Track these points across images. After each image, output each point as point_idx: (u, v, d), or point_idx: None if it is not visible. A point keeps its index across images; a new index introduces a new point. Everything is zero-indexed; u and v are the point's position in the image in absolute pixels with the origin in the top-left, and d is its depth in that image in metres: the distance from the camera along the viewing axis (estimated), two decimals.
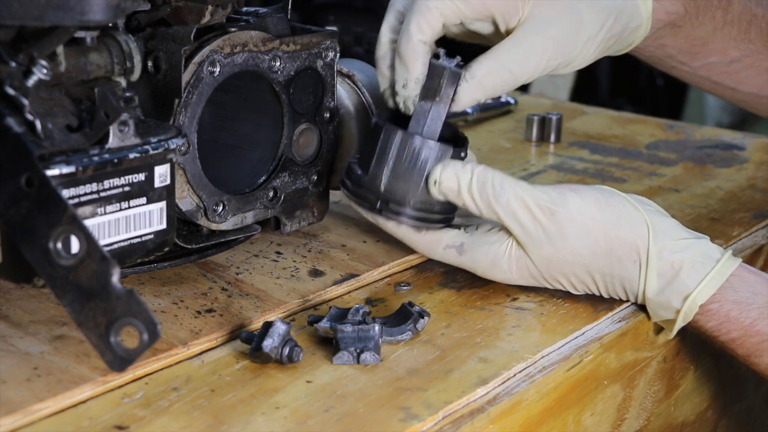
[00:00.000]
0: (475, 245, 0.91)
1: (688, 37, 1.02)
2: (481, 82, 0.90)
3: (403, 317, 0.85)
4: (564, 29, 0.92)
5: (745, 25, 1.03)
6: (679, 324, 0.89)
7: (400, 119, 0.92)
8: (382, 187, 0.90)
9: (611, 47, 0.97)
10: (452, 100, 0.91)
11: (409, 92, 0.91)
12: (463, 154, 0.92)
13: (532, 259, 0.90)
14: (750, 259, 1.06)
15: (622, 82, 2.98)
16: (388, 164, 0.90)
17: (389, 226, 0.93)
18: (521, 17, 0.92)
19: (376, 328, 0.81)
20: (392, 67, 0.93)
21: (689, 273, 0.88)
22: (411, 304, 0.86)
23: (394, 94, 0.93)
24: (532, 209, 0.88)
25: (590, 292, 0.92)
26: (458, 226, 0.93)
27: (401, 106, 0.92)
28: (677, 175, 1.24)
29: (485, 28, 0.94)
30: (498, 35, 0.94)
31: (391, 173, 0.90)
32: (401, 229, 0.93)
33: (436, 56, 0.91)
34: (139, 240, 0.81)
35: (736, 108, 2.81)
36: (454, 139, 0.93)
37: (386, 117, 0.93)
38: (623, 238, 0.89)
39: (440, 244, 0.93)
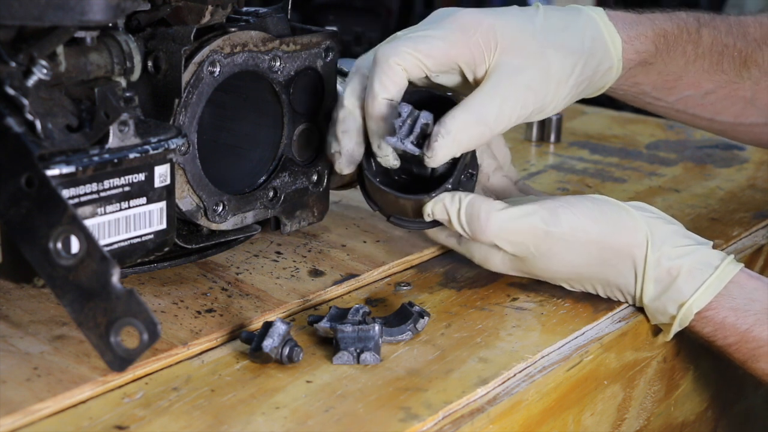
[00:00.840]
0: (470, 240, 0.92)
1: (660, 73, 1.02)
2: (456, 137, 0.88)
3: (403, 317, 0.86)
4: (534, 76, 0.91)
5: (717, 56, 1.02)
6: (675, 329, 0.89)
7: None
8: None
9: (584, 90, 0.96)
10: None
11: (386, 151, 0.90)
12: (470, 172, 0.93)
13: (523, 266, 0.91)
14: (750, 259, 1.06)
15: None
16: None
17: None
18: (489, 66, 0.91)
19: (376, 328, 0.81)
20: (346, 132, 0.91)
21: (686, 280, 0.88)
22: (411, 304, 0.86)
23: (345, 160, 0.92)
24: (521, 238, 0.89)
25: (588, 294, 0.92)
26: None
27: (384, 164, 0.91)
28: (677, 175, 1.24)
29: (452, 80, 0.93)
30: (466, 85, 0.92)
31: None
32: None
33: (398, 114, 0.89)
34: (139, 240, 0.81)
35: None
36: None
37: (378, 172, 0.92)
38: (619, 248, 0.89)
39: (444, 232, 0.95)
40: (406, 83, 0.90)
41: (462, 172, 0.92)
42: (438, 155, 0.88)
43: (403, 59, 0.89)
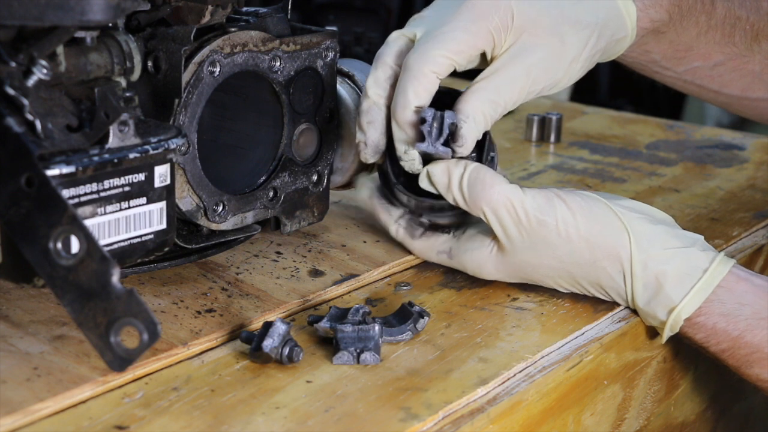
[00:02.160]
0: (461, 250, 0.93)
1: (672, 42, 1.01)
2: (476, 119, 0.89)
3: (403, 317, 0.86)
4: (547, 54, 0.91)
5: (729, 28, 1.02)
6: (667, 334, 0.89)
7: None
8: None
9: (597, 61, 0.96)
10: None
11: (413, 156, 0.90)
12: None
13: (514, 262, 0.91)
14: (750, 259, 1.06)
15: (622, 82, 2.98)
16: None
17: (391, 228, 0.96)
18: (505, 45, 0.91)
19: (376, 328, 0.81)
20: (372, 123, 0.92)
21: (674, 286, 0.88)
22: (411, 304, 0.86)
23: (372, 150, 0.93)
24: (519, 214, 0.89)
25: (587, 295, 0.92)
26: (448, 231, 0.95)
27: (407, 168, 0.91)
28: (677, 175, 1.24)
29: (473, 64, 0.93)
30: (483, 63, 0.93)
31: None
32: (400, 234, 0.96)
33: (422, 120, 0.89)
34: (139, 240, 0.81)
35: None
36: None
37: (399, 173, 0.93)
38: (606, 249, 0.89)
39: (433, 249, 0.95)
40: (436, 87, 0.90)
41: (486, 158, 0.92)
42: (468, 142, 0.89)
43: (437, 65, 0.89)
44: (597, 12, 0.94)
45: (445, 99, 0.91)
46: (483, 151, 0.92)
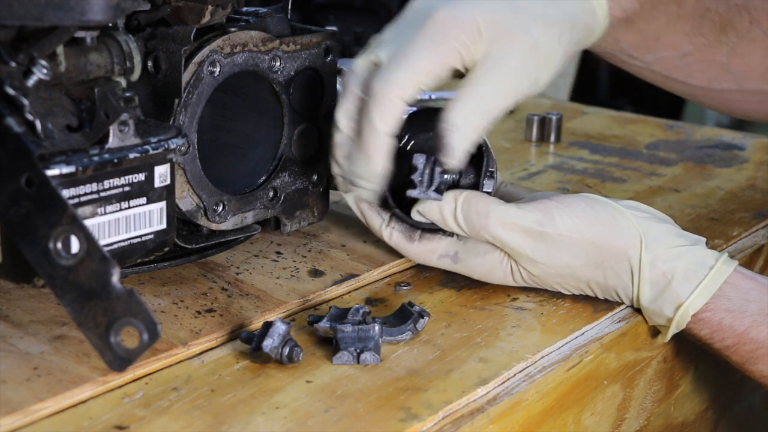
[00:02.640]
0: (469, 255, 0.92)
1: (641, 31, 1.00)
2: (462, 129, 0.87)
3: (403, 317, 0.85)
4: (522, 58, 0.89)
5: (698, 19, 1.01)
6: (672, 331, 0.89)
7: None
8: None
9: (574, 52, 0.95)
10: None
11: (373, 186, 0.89)
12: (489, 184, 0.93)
13: (526, 269, 0.91)
14: (750, 259, 1.06)
15: (622, 82, 2.98)
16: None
17: (384, 234, 0.94)
18: (478, 56, 0.88)
19: (376, 328, 0.81)
20: (348, 157, 0.90)
21: (681, 282, 0.88)
22: (411, 304, 0.86)
23: (348, 183, 0.91)
24: (521, 233, 0.89)
25: (588, 295, 0.92)
26: (451, 234, 0.93)
27: (364, 196, 0.91)
28: (677, 175, 1.24)
29: (443, 82, 0.90)
30: (457, 74, 0.91)
31: None
32: (394, 238, 0.94)
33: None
34: (139, 240, 0.81)
35: None
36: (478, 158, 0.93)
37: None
38: (614, 249, 0.89)
39: (434, 253, 0.93)
40: (403, 112, 0.88)
41: (485, 174, 0.92)
42: (456, 153, 0.87)
43: (403, 90, 0.87)
44: (565, 6, 0.92)
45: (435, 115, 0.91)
46: (481, 167, 0.92)
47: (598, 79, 2.99)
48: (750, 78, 1.04)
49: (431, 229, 0.93)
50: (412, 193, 0.90)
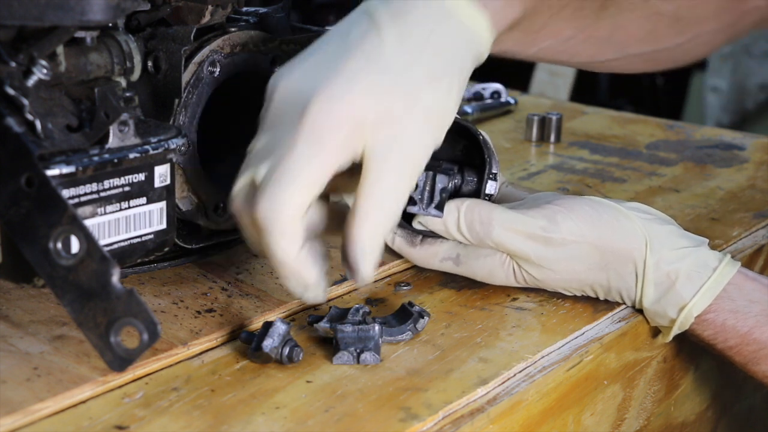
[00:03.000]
0: (471, 257, 0.92)
1: (524, 30, 0.91)
2: (373, 251, 0.79)
3: (403, 317, 0.85)
4: (414, 133, 0.79)
5: (579, 2, 0.98)
6: (675, 332, 0.89)
7: None
8: None
9: (464, 87, 0.85)
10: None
11: (320, 292, 0.81)
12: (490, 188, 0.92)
13: (529, 273, 0.91)
14: (750, 259, 1.06)
15: (622, 82, 2.99)
16: None
17: (387, 240, 0.94)
18: (366, 147, 0.77)
19: (376, 328, 0.81)
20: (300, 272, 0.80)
21: (685, 284, 0.88)
22: (411, 304, 0.86)
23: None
24: (524, 239, 0.89)
25: (588, 295, 0.92)
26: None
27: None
28: (677, 175, 1.24)
29: (336, 180, 0.79)
30: (349, 170, 0.79)
31: None
32: (396, 242, 0.94)
33: None
34: (139, 240, 0.81)
35: (736, 108, 2.82)
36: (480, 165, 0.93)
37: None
38: (618, 252, 0.89)
39: (436, 257, 0.93)
40: (304, 223, 0.78)
41: (487, 177, 0.92)
42: (369, 273, 0.79)
43: (296, 206, 0.76)
44: (449, 53, 0.81)
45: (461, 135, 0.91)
46: (483, 169, 0.92)
47: (598, 79, 2.99)
48: (630, 44, 1.00)
49: (433, 233, 0.93)
50: (412, 209, 0.89)
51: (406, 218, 0.93)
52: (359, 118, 0.77)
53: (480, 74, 0.96)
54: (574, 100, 2.33)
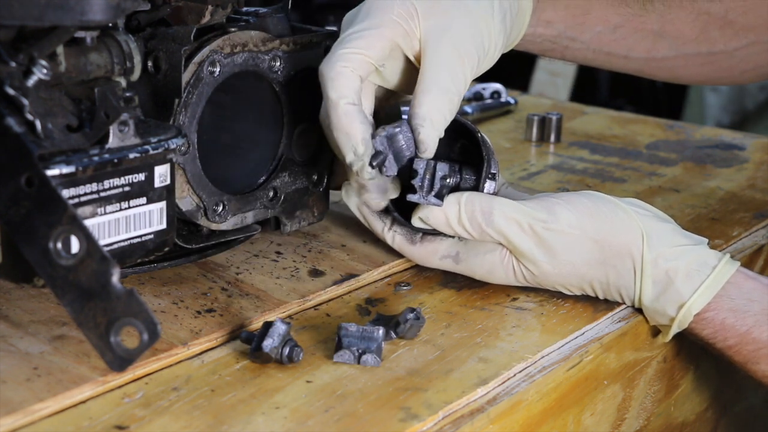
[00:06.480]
0: (471, 254, 0.92)
1: (567, 7, 1.01)
2: (432, 119, 0.89)
3: (389, 320, 0.85)
4: (462, 28, 0.91)
5: None
6: (674, 331, 0.89)
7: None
8: None
9: (509, 27, 0.96)
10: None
11: (363, 157, 0.88)
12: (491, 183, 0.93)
13: (528, 269, 0.91)
14: (750, 259, 1.06)
15: (622, 82, 2.98)
16: None
17: (386, 237, 0.95)
18: (420, 36, 0.91)
19: (381, 331, 0.81)
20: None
21: (684, 282, 0.88)
22: (412, 310, 0.85)
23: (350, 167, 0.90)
24: (524, 229, 0.89)
25: (588, 295, 0.92)
26: (452, 236, 0.93)
27: (360, 177, 0.90)
28: (677, 175, 1.24)
29: (398, 66, 0.93)
30: (410, 67, 0.93)
31: None
32: (396, 241, 0.95)
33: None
34: (139, 240, 0.81)
35: (736, 108, 2.82)
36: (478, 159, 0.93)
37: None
38: (617, 247, 0.89)
39: (436, 254, 0.94)
40: (359, 84, 0.89)
41: (486, 176, 0.92)
42: (429, 146, 0.89)
43: (348, 60, 0.89)
44: None
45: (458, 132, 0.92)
46: (481, 169, 0.91)
47: (598, 79, 2.99)
48: (685, 43, 1.04)
49: (433, 231, 0.93)
50: (412, 197, 0.90)
51: (406, 217, 0.93)
52: (412, 5, 0.91)
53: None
54: (574, 100, 2.33)
